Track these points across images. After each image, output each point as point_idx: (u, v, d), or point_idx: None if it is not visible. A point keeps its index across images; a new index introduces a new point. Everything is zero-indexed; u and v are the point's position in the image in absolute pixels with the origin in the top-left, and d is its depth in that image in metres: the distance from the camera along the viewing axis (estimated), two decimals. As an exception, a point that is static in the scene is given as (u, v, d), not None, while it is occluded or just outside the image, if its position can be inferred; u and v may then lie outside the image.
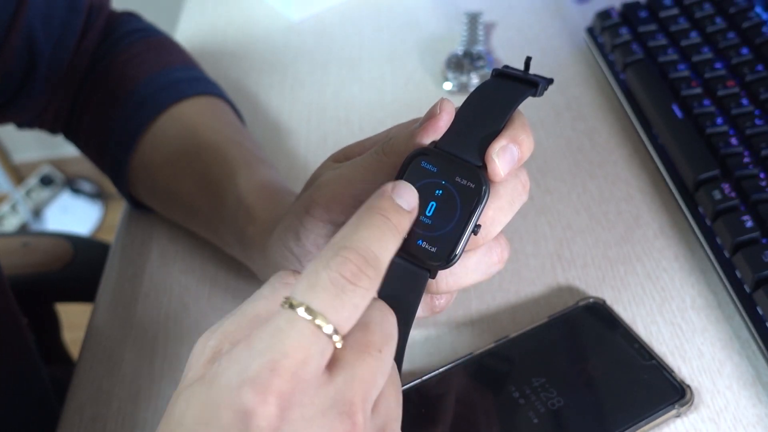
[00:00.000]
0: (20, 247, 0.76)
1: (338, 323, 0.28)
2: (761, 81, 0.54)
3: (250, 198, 0.47)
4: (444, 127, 0.35)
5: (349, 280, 0.28)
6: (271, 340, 0.27)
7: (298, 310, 0.27)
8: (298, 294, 0.28)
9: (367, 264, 0.29)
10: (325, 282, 0.28)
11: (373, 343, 0.29)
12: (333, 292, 0.28)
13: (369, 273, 0.29)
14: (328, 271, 0.28)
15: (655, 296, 0.47)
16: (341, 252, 0.29)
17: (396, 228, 0.31)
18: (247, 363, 0.27)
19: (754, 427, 0.40)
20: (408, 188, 0.32)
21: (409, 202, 0.32)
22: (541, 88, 0.35)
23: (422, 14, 0.76)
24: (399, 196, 0.32)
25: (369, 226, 0.30)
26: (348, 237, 0.29)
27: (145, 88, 0.55)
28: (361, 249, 0.29)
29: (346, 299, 0.28)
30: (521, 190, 0.36)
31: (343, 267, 0.28)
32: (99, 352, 0.50)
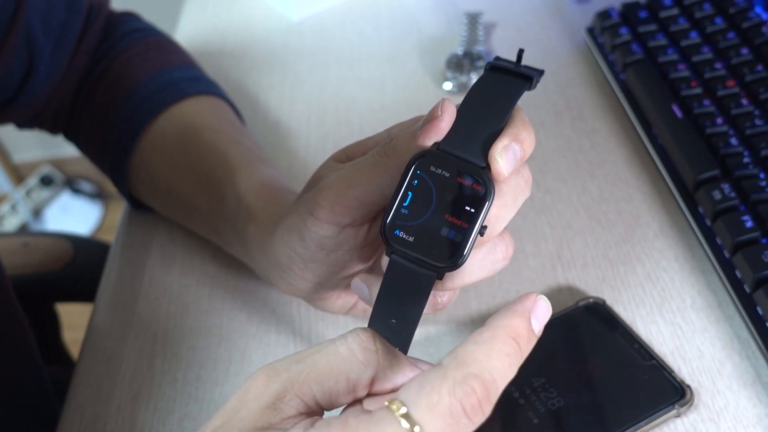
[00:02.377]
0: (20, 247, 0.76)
1: None
2: (761, 81, 0.54)
3: (251, 197, 0.47)
4: (446, 128, 0.34)
5: (468, 415, 0.27)
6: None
7: (409, 426, 0.27)
8: (414, 409, 0.27)
9: (488, 399, 0.28)
10: (446, 409, 0.27)
11: None
12: (449, 422, 0.27)
13: (486, 409, 0.28)
14: (452, 399, 0.27)
15: (655, 296, 0.47)
16: (470, 381, 0.27)
17: (523, 356, 0.30)
18: None
19: (754, 427, 0.40)
20: (545, 309, 0.31)
21: (542, 324, 0.31)
22: (535, 81, 0.35)
23: (422, 14, 0.76)
24: (536, 319, 0.30)
25: (502, 354, 0.29)
26: (480, 363, 0.28)
27: (145, 88, 0.55)
28: (489, 382, 0.28)
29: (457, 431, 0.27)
30: (524, 186, 0.36)
31: (467, 399, 0.27)
32: (99, 352, 0.50)
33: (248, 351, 0.48)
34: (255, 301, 0.51)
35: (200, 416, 0.45)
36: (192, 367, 0.48)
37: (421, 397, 0.27)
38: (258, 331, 0.49)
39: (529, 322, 0.30)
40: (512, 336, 0.29)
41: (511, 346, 0.29)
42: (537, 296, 0.31)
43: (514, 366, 0.29)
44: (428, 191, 0.34)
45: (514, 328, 0.29)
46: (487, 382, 0.28)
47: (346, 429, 0.27)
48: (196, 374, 0.48)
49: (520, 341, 0.29)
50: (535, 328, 0.30)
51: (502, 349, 0.29)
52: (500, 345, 0.29)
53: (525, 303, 0.30)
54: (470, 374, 0.28)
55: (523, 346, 0.29)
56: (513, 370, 0.29)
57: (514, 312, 0.30)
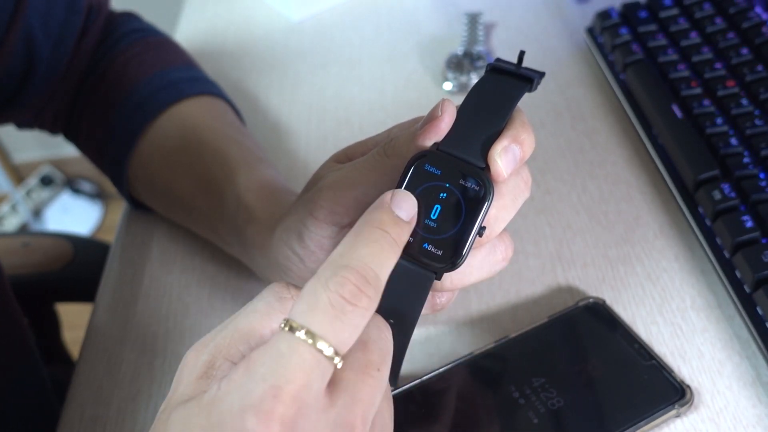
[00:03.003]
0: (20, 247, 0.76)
1: (338, 345, 0.28)
2: (761, 81, 0.54)
3: (250, 197, 0.47)
4: (446, 128, 0.34)
5: (349, 301, 0.28)
6: (273, 365, 0.27)
7: (299, 334, 0.27)
8: (298, 316, 0.28)
9: (366, 283, 0.28)
10: (325, 304, 0.28)
11: (373, 363, 0.29)
12: (333, 314, 0.28)
13: (368, 292, 0.28)
14: (328, 293, 0.28)
15: (655, 296, 0.47)
16: (340, 272, 0.28)
17: (395, 241, 0.30)
18: (250, 388, 0.26)
19: (754, 427, 0.40)
20: (406, 197, 0.32)
21: (408, 212, 0.32)
22: (535, 83, 0.35)
23: (422, 14, 0.76)
24: (398, 207, 0.31)
25: (367, 242, 0.30)
26: (346, 255, 0.29)
27: (144, 88, 0.55)
28: (360, 267, 0.29)
29: (346, 320, 0.28)
30: (523, 187, 0.36)
31: (343, 288, 0.28)
32: (99, 352, 0.50)
33: (248, 351, 0.48)
34: (255, 301, 0.51)
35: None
36: (192, 367, 0.48)
37: (301, 305, 0.28)
38: (258, 331, 0.49)
39: (390, 211, 0.31)
40: (374, 225, 0.30)
41: (375, 233, 0.30)
42: (394, 191, 0.32)
43: (385, 249, 0.30)
44: (428, 192, 0.34)
45: (375, 219, 0.30)
46: (359, 267, 0.29)
47: (249, 361, 0.27)
48: (196, 374, 0.48)
49: (384, 227, 0.30)
50: (401, 215, 0.31)
51: (367, 237, 0.30)
52: (364, 235, 0.30)
53: (383, 197, 0.32)
54: (339, 266, 0.29)
55: (391, 231, 0.30)
56: (386, 254, 0.30)
57: (372, 207, 0.31)
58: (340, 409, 0.28)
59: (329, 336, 0.27)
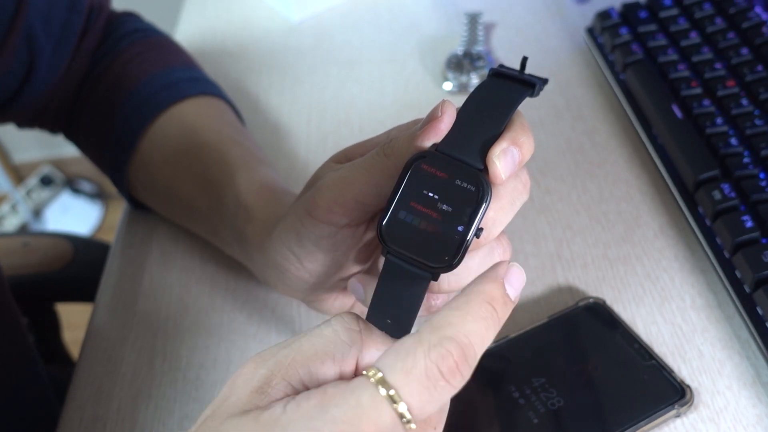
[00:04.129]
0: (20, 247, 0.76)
1: (419, 414, 0.27)
2: (761, 81, 0.54)
3: (250, 198, 0.47)
4: (445, 129, 0.34)
5: (445, 377, 0.27)
6: (349, 413, 0.26)
7: (383, 391, 0.27)
8: (390, 374, 0.27)
9: (465, 362, 0.28)
10: (422, 373, 0.27)
11: (431, 421, 0.30)
12: (426, 385, 0.27)
13: (464, 372, 0.28)
14: (427, 362, 0.27)
15: (655, 296, 0.47)
16: (445, 343, 0.28)
17: (500, 321, 0.30)
18: (318, 426, 0.26)
19: (754, 427, 0.40)
20: (519, 275, 0.31)
21: (518, 291, 0.31)
22: (537, 88, 0.35)
23: (422, 15, 0.76)
24: (510, 285, 0.31)
25: (476, 318, 0.29)
26: (455, 326, 0.28)
27: (145, 88, 0.55)
28: (465, 345, 0.28)
29: (435, 395, 0.27)
30: (522, 190, 0.36)
31: (443, 362, 0.27)
32: (99, 352, 0.50)
33: (248, 351, 0.48)
34: (255, 301, 0.51)
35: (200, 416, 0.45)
36: (192, 367, 0.48)
37: (396, 362, 0.28)
38: (258, 331, 0.49)
39: (503, 288, 0.30)
40: (486, 300, 0.30)
41: (486, 310, 0.29)
42: (510, 263, 0.31)
43: (490, 329, 0.29)
44: (426, 192, 0.34)
45: (488, 293, 0.30)
46: (463, 345, 0.28)
47: (325, 397, 0.27)
48: (196, 374, 0.48)
49: (495, 305, 0.30)
50: (510, 294, 0.31)
51: (477, 312, 0.29)
52: (475, 309, 0.29)
53: (497, 270, 0.31)
54: (445, 337, 0.28)
55: (498, 309, 0.30)
56: (490, 334, 0.29)
57: (487, 278, 0.31)
58: None
59: (414, 404, 0.27)
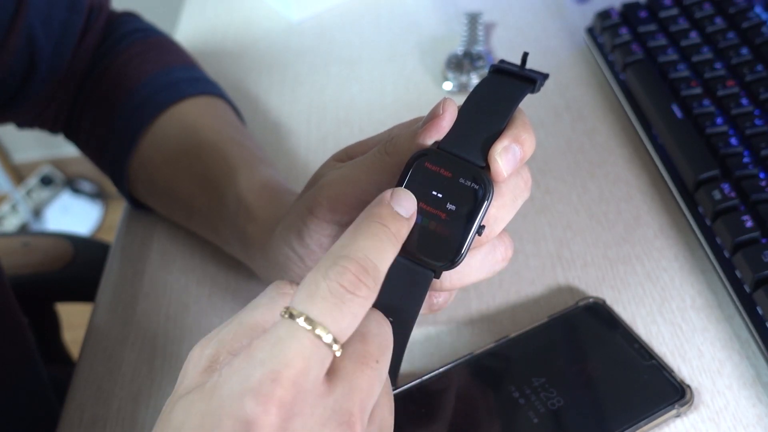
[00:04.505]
0: (20, 247, 0.76)
1: (337, 333, 0.28)
2: (761, 81, 0.54)
3: (250, 197, 0.47)
4: (447, 127, 0.34)
5: (348, 290, 0.28)
6: (272, 350, 0.27)
7: (298, 320, 0.28)
8: (298, 304, 0.28)
9: (365, 273, 0.29)
10: (324, 292, 0.28)
11: (371, 354, 0.29)
12: (332, 302, 0.28)
13: (368, 282, 0.29)
14: (327, 281, 0.28)
15: (655, 296, 0.47)
16: (340, 261, 0.29)
17: (394, 236, 0.31)
18: (249, 373, 0.27)
19: (754, 427, 0.40)
20: (406, 195, 0.32)
21: (407, 209, 0.32)
22: (538, 84, 0.35)
23: (422, 14, 0.76)
24: (397, 204, 0.32)
25: (367, 235, 0.30)
26: (346, 246, 0.30)
27: (145, 88, 0.55)
28: (360, 258, 0.29)
29: (345, 309, 0.28)
30: (523, 187, 0.36)
31: (342, 277, 0.28)
32: (99, 352, 0.50)
33: (248, 351, 0.48)
34: (255, 301, 0.51)
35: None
36: (192, 367, 0.48)
37: (301, 293, 0.28)
38: (258, 331, 0.49)
39: (390, 207, 0.32)
40: (374, 219, 0.31)
41: (375, 227, 0.31)
42: (394, 188, 0.33)
43: (385, 242, 0.30)
44: (427, 190, 0.34)
45: (374, 213, 0.31)
46: (358, 258, 0.29)
47: (250, 348, 0.28)
48: (196, 374, 0.48)
49: (384, 221, 0.31)
50: (401, 212, 0.32)
51: (366, 230, 0.30)
52: (364, 228, 0.31)
53: (383, 195, 0.32)
54: (339, 256, 0.29)
55: (390, 226, 0.31)
56: (386, 246, 0.30)
57: (373, 203, 0.32)
58: (338, 396, 0.28)
59: (328, 323, 0.28)
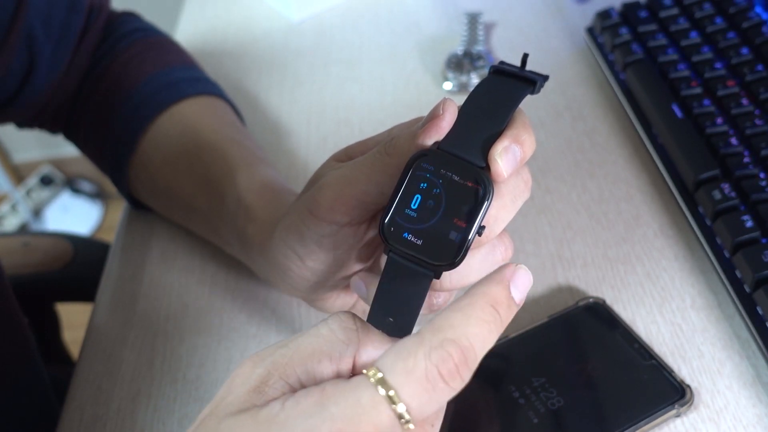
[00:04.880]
0: (20, 247, 0.76)
1: (417, 415, 0.27)
2: (761, 81, 0.54)
3: (250, 197, 0.47)
4: (447, 127, 0.34)
5: (445, 380, 0.27)
6: (348, 411, 0.26)
7: (384, 392, 0.27)
8: (390, 374, 0.27)
9: (466, 365, 0.28)
10: (422, 374, 0.27)
11: (429, 422, 0.30)
12: (425, 387, 0.27)
13: (464, 375, 0.28)
14: (428, 363, 0.27)
15: (655, 296, 0.47)
16: (446, 346, 0.28)
17: (503, 324, 0.30)
18: (316, 423, 0.26)
19: (754, 427, 0.40)
20: (526, 277, 0.31)
21: (523, 294, 0.31)
22: (538, 85, 0.35)
23: (422, 14, 0.76)
24: (515, 287, 0.30)
25: (479, 321, 0.29)
26: (457, 329, 0.28)
27: (145, 88, 0.55)
28: (466, 348, 0.28)
29: (435, 397, 0.27)
30: (523, 188, 0.36)
31: (444, 364, 0.27)
32: (99, 352, 0.50)
33: (248, 351, 0.48)
34: (255, 301, 0.51)
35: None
36: (192, 367, 0.48)
37: (397, 362, 0.27)
38: (258, 331, 0.49)
39: (508, 290, 0.30)
40: (490, 303, 0.29)
41: (489, 313, 0.29)
42: (516, 265, 0.31)
43: (493, 333, 0.29)
44: (428, 190, 0.34)
45: (492, 296, 0.30)
46: (464, 348, 0.28)
47: (324, 395, 0.27)
48: (196, 374, 0.48)
49: (498, 308, 0.29)
50: (515, 297, 0.30)
51: (480, 315, 0.29)
52: (478, 312, 0.29)
53: (504, 272, 0.31)
54: (446, 339, 0.28)
55: (502, 313, 0.30)
56: (492, 337, 0.29)
57: (492, 280, 0.30)
58: None
59: (413, 405, 0.27)
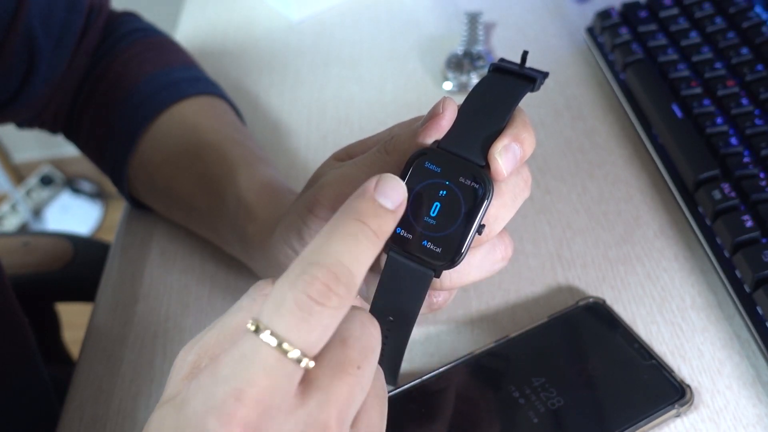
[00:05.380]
0: (20, 247, 0.76)
1: (306, 347, 0.26)
2: (761, 81, 0.54)
3: (251, 197, 0.47)
4: (447, 126, 0.34)
5: (317, 301, 0.26)
6: (236, 367, 0.26)
7: (263, 335, 0.26)
8: (264, 317, 0.26)
9: (337, 281, 0.27)
10: (291, 304, 0.26)
11: (351, 360, 0.28)
12: (299, 315, 0.26)
13: (339, 291, 0.27)
14: (294, 292, 0.26)
15: (655, 296, 0.47)
16: (309, 269, 0.27)
17: (375, 234, 0.28)
18: (212, 391, 0.26)
19: (754, 427, 0.40)
20: (393, 183, 0.29)
21: (394, 200, 0.29)
22: (538, 83, 0.35)
23: (422, 14, 0.76)
24: (382, 194, 0.29)
25: (342, 235, 0.28)
26: (317, 251, 0.27)
27: (145, 88, 0.55)
28: (331, 264, 0.27)
29: (313, 321, 0.26)
30: (523, 186, 0.36)
31: (310, 287, 0.26)
32: (99, 352, 0.50)
33: (248, 351, 0.48)
34: (255, 300, 0.51)
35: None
36: (192, 367, 0.48)
37: (268, 304, 0.27)
38: (258, 331, 0.49)
39: (373, 200, 0.29)
40: (353, 216, 0.28)
41: (354, 226, 0.28)
42: (381, 175, 0.30)
43: (363, 245, 0.28)
44: (427, 189, 0.34)
45: (354, 208, 0.28)
46: (330, 265, 0.27)
47: (215, 362, 0.27)
48: (196, 374, 0.48)
49: (366, 219, 0.28)
50: (385, 204, 0.29)
51: (343, 230, 0.28)
52: (340, 227, 0.28)
53: (366, 184, 0.29)
54: (309, 263, 0.27)
55: (372, 224, 0.28)
56: (363, 250, 0.28)
57: (355, 195, 0.29)
58: (312, 409, 0.27)
59: (294, 338, 0.26)
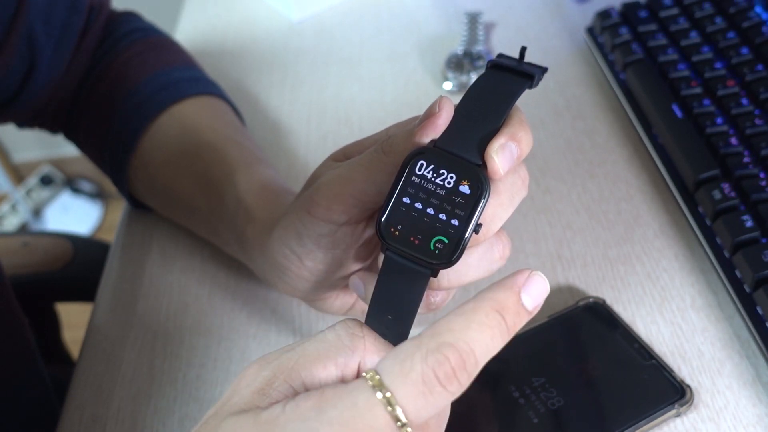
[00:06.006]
0: (20, 247, 0.76)
1: (415, 420, 0.27)
2: (761, 81, 0.54)
3: (250, 198, 0.47)
4: (443, 125, 0.34)
5: (441, 382, 0.27)
6: (345, 414, 0.26)
7: (380, 394, 0.27)
8: (387, 376, 0.27)
9: (463, 368, 0.27)
10: (417, 376, 0.27)
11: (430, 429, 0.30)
12: (421, 390, 0.27)
13: (462, 378, 0.27)
14: (424, 366, 0.27)
15: (655, 296, 0.47)
16: (443, 349, 0.27)
17: (508, 330, 0.29)
18: (314, 426, 0.26)
19: (754, 426, 0.40)
20: (541, 287, 0.30)
21: (536, 302, 0.30)
22: (536, 80, 0.35)
23: (422, 14, 0.76)
24: (527, 294, 0.30)
25: (482, 326, 0.28)
26: (456, 333, 0.28)
27: (145, 88, 0.55)
28: (464, 351, 0.27)
29: (431, 399, 0.27)
30: (521, 186, 0.36)
31: (440, 367, 0.27)
32: (99, 352, 0.50)
33: (248, 351, 0.48)
34: (255, 301, 0.51)
35: (200, 416, 0.45)
36: (192, 367, 0.48)
37: (394, 365, 0.27)
38: (258, 331, 0.49)
39: (518, 297, 0.29)
40: (496, 309, 0.29)
41: (493, 319, 0.28)
42: (532, 272, 0.30)
43: (497, 339, 0.28)
44: (424, 189, 0.34)
45: (499, 301, 0.29)
46: (462, 352, 0.27)
47: (322, 398, 0.27)
48: (196, 374, 0.48)
49: (505, 315, 0.29)
50: (526, 304, 0.29)
51: (482, 320, 0.28)
52: (481, 316, 0.28)
53: (516, 277, 0.30)
54: (444, 343, 0.27)
55: (508, 320, 0.29)
56: (495, 344, 0.28)
57: (502, 285, 0.30)
58: None
59: (410, 409, 0.27)
